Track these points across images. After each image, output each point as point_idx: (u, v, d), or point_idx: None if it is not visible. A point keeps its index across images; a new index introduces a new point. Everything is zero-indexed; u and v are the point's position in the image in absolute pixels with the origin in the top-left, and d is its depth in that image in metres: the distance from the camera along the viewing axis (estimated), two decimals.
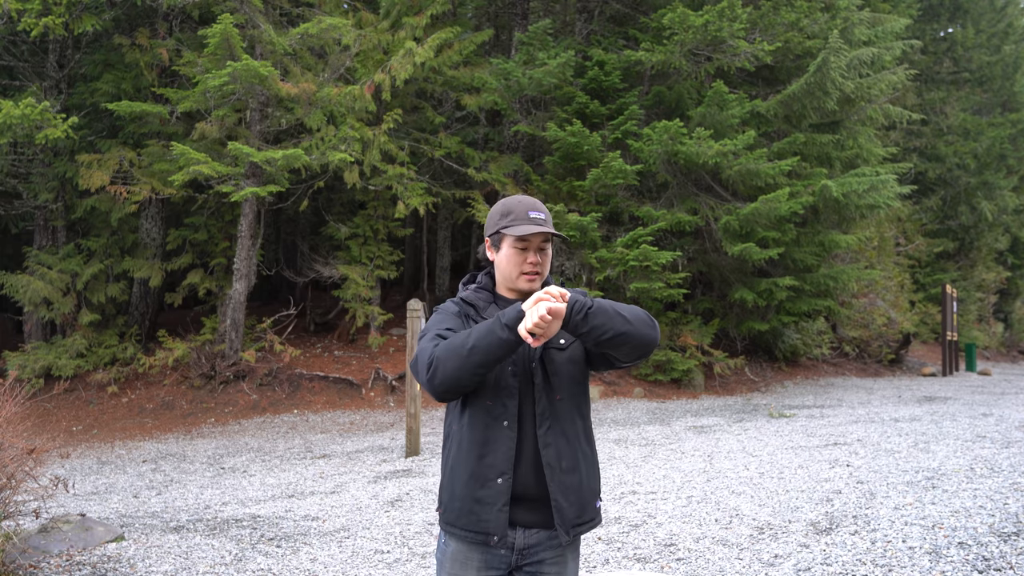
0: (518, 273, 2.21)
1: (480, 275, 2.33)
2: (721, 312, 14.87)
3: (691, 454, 7.64)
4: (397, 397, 12.59)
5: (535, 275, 2.21)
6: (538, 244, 2.21)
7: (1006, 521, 4.48)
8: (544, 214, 2.21)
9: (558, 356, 2.20)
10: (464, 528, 2.14)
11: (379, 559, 4.93)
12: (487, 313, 2.21)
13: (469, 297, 2.26)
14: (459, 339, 2.04)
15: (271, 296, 18.72)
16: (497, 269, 2.26)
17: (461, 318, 2.22)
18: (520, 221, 2.18)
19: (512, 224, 2.19)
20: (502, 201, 2.26)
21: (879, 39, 14.96)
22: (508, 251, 2.20)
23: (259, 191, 12.03)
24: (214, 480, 8.02)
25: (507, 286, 2.26)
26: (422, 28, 13.02)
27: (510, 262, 2.21)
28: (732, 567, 4.30)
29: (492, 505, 2.11)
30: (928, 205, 24.84)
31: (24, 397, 5.12)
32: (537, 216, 2.19)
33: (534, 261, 2.20)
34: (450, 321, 2.20)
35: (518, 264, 2.20)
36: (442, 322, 2.20)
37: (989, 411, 9.83)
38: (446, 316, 2.22)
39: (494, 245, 2.25)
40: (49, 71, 13.72)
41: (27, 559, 4.67)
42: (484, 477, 2.12)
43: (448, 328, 2.17)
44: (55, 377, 12.48)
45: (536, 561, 2.17)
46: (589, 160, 13.12)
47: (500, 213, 2.22)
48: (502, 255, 2.22)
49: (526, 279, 2.21)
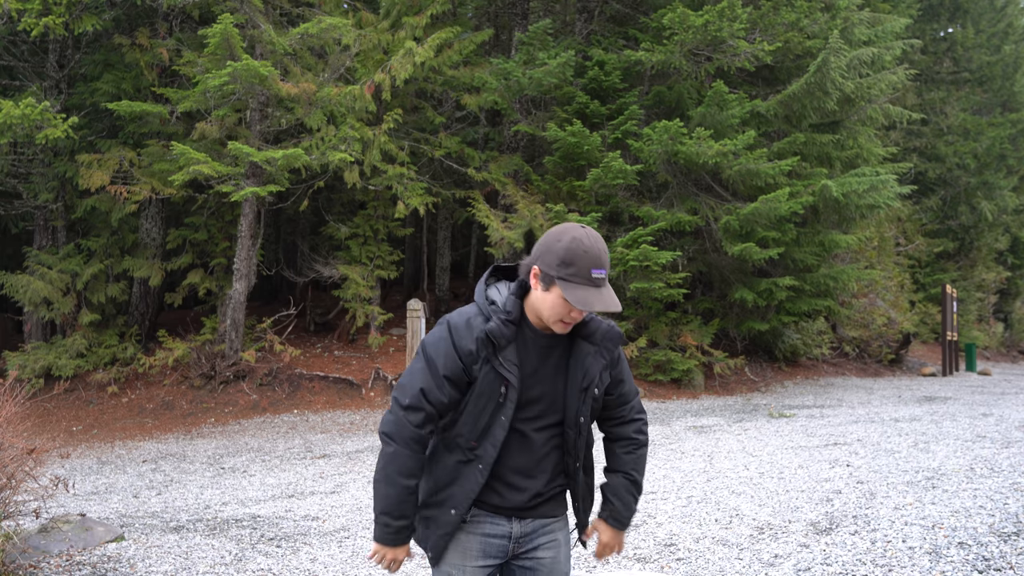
0: (556, 319, 2.08)
1: (510, 295, 2.13)
2: (721, 312, 14.87)
3: (691, 454, 7.64)
4: None
5: (570, 326, 2.11)
6: None
7: (1006, 521, 4.48)
8: (605, 271, 2.03)
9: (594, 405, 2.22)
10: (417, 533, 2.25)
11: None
12: (504, 354, 2.07)
13: (495, 332, 2.06)
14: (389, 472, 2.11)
15: (271, 296, 18.71)
16: (536, 301, 2.09)
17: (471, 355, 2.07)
18: (580, 282, 2.01)
19: (570, 281, 2.01)
20: (568, 240, 2.03)
21: (879, 39, 14.95)
22: (556, 299, 2.04)
23: (259, 191, 12.03)
24: (214, 480, 8.02)
25: (539, 319, 2.12)
26: (422, 28, 13.02)
27: (553, 309, 2.06)
28: (732, 567, 4.30)
29: (438, 528, 2.19)
30: (928, 205, 24.84)
31: (24, 397, 5.12)
32: (598, 276, 2.01)
33: (577, 317, 2.08)
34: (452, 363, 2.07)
35: (560, 314, 2.06)
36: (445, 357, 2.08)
37: (989, 411, 9.83)
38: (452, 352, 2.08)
39: (543, 281, 2.06)
40: (49, 71, 13.72)
41: (27, 559, 4.67)
42: (440, 503, 2.18)
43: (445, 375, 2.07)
44: (55, 377, 12.48)
45: (532, 548, 2.22)
46: (589, 160, 13.12)
47: (561, 258, 2.01)
48: (549, 297, 2.05)
49: (562, 326, 2.10)
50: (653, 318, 13.70)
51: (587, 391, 2.15)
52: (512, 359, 2.08)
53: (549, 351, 2.15)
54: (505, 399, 2.09)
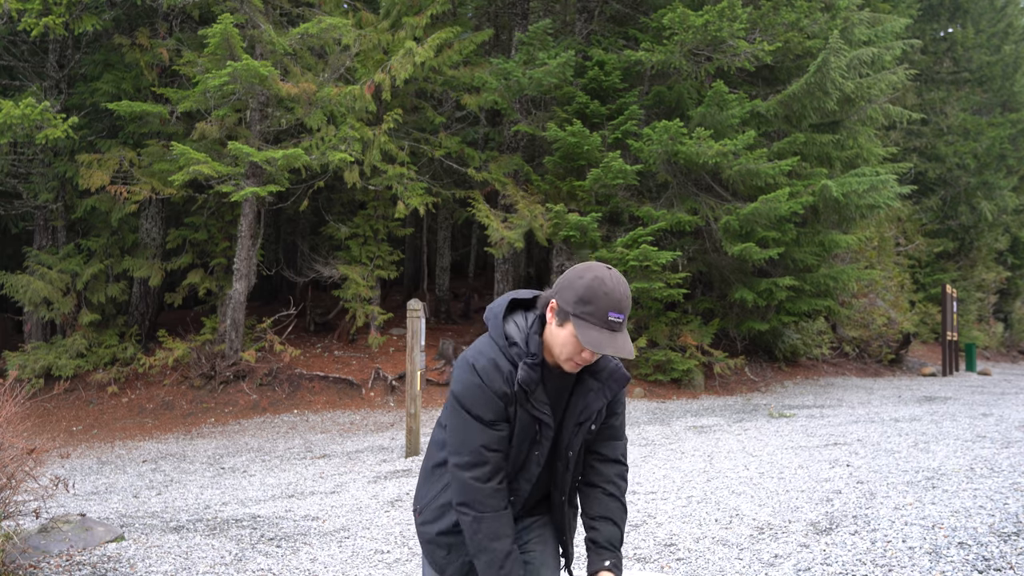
0: (567, 357, 2.06)
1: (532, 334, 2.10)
2: (721, 312, 14.87)
3: (691, 454, 7.64)
4: (397, 397, 12.59)
5: (581, 366, 2.10)
6: None
7: (1006, 521, 4.48)
8: (623, 315, 2.00)
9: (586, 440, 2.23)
10: (430, 554, 2.24)
11: (379, 559, 4.93)
12: (533, 397, 2.07)
13: (524, 380, 2.04)
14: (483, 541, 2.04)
15: (271, 296, 18.72)
16: (550, 336, 2.08)
17: (506, 397, 2.06)
18: (595, 323, 1.98)
19: (585, 320, 1.99)
20: (591, 279, 2.01)
21: (879, 39, 14.95)
22: (569, 338, 2.02)
23: (259, 191, 12.03)
24: (214, 480, 8.02)
25: (553, 357, 2.11)
26: (422, 28, 13.03)
27: (565, 348, 2.04)
28: (732, 567, 4.30)
29: (462, 555, 2.18)
30: (928, 205, 24.84)
31: (24, 397, 5.12)
32: (615, 320, 1.99)
33: (588, 359, 2.06)
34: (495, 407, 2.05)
35: (571, 352, 2.04)
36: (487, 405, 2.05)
37: (989, 411, 9.83)
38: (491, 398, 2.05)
39: (559, 316, 2.04)
40: (49, 71, 13.72)
41: (27, 559, 4.67)
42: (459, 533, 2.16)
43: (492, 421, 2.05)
44: (55, 377, 12.49)
45: (522, 543, 2.23)
46: (589, 160, 13.12)
47: (580, 296, 1.99)
48: (562, 334, 2.04)
49: (572, 365, 2.08)
50: (653, 318, 13.70)
51: (582, 426, 2.16)
52: (543, 399, 2.09)
53: (560, 391, 2.16)
54: (541, 436, 2.12)
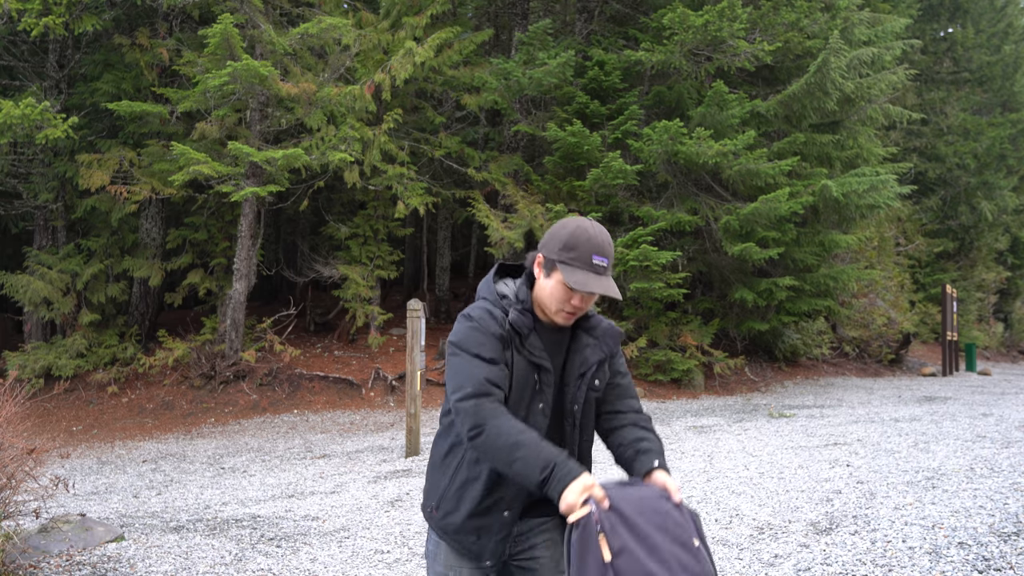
0: (558, 308, 2.09)
1: (521, 285, 2.16)
2: (721, 312, 14.87)
3: (691, 454, 7.64)
4: (397, 397, 12.59)
5: (572, 316, 2.12)
6: None
7: (1006, 521, 4.48)
8: (607, 260, 2.06)
9: (592, 397, 2.18)
10: (460, 544, 2.14)
11: (379, 559, 4.93)
12: (528, 342, 2.08)
13: (516, 321, 2.07)
14: (511, 436, 1.91)
15: (271, 296, 18.72)
16: (539, 290, 2.12)
17: (503, 342, 2.06)
18: (580, 266, 2.04)
19: (571, 265, 2.04)
20: (573, 227, 2.08)
21: (879, 39, 14.95)
22: (557, 285, 2.07)
23: (259, 191, 12.03)
24: (214, 480, 8.02)
25: (543, 312, 2.14)
26: (422, 28, 13.03)
27: (554, 296, 2.08)
28: (732, 567, 4.30)
29: (493, 535, 2.11)
30: (928, 205, 24.84)
31: (24, 397, 5.12)
32: (599, 263, 2.04)
33: (578, 305, 2.08)
34: (493, 345, 2.04)
35: (562, 301, 2.08)
36: (484, 344, 2.04)
37: (989, 411, 9.83)
38: (488, 337, 2.05)
39: (545, 267, 2.09)
40: (49, 71, 13.72)
41: (27, 559, 4.67)
42: (490, 508, 2.10)
43: (492, 358, 2.02)
44: (55, 377, 12.49)
45: (529, 547, 2.18)
46: (589, 160, 13.12)
47: (564, 243, 2.05)
48: (550, 283, 2.08)
49: (564, 317, 2.10)
50: (653, 318, 13.70)
51: (584, 377, 2.14)
52: (538, 345, 2.10)
53: (555, 345, 2.16)
54: (541, 384, 2.10)
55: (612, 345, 2.19)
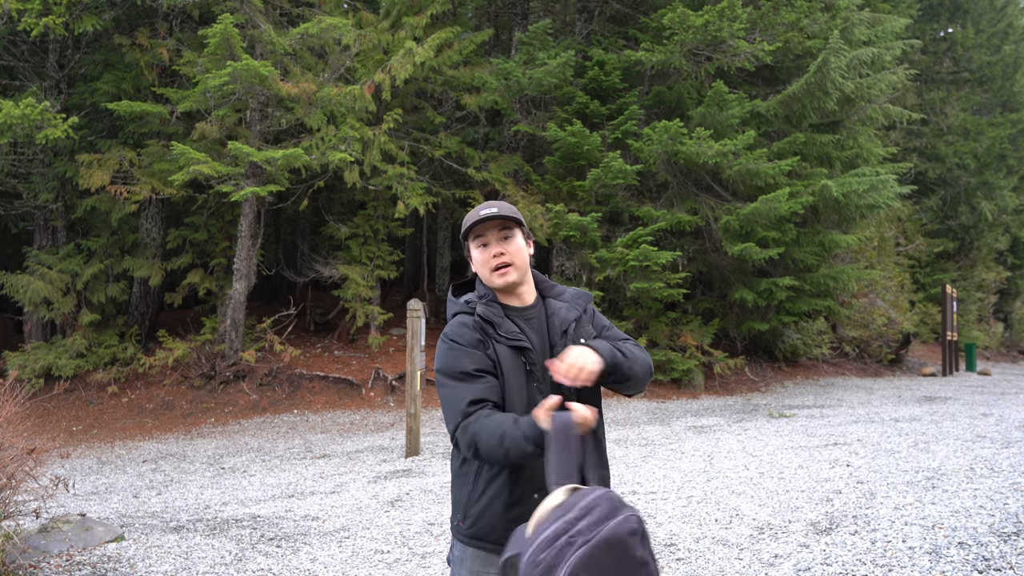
0: (488, 271, 2.18)
1: (477, 283, 2.27)
2: (721, 312, 14.87)
3: (691, 454, 7.64)
4: (397, 397, 12.59)
5: (504, 266, 2.17)
6: (498, 235, 2.19)
7: (1006, 521, 4.48)
8: (496, 208, 2.17)
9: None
10: (494, 542, 2.11)
11: (379, 559, 4.93)
12: (503, 329, 2.14)
13: (485, 313, 2.16)
14: (495, 432, 1.98)
15: (271, 296, 18.71)
16: (477, 271, 2.23)
17: (482, 342, 2.13)
18: (470, 221, 2.18)
19: (465, 226, 2.20)
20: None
21: (879, 39, 14.96)
22: (474, 253, 2.21)
23: (259, 191, 12.03)
24: (214, 480, 8.02)
25: (504, 297, 2.22)
26: (422, 28, 13.02)
27: (477, 262, 2.20)
28: (732, 567, 4.30)
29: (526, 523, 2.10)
30: (928, 205, 24.84)
31: (24, 397, 5.12)
32: (488, 212, 2.17)
33: (496, 252, 2.17)
34: (472, 356, 2.10)
35: (485, 262, 2.18)
36: (463, 360, 2.10)
37: (989, 411, 9.83)
38: (466, 349, 2.11)
39: (466, 254, 2.25)
40: (49, 71, 13.72)
41: (27, 559, 4.67)
42: (522, 496, 2.10)
43: (475, 371, 2.09)
44: (55, 377, 12.48)
45: None
46: (589, 160, 13.12)
47: (463, 227, 2.22)
48: (473, 259, 2.22)
49: (497, 275, 2.17)
50: (653, 318, 13.70)
51: (567, 335, 2.18)
52: (514, 329, 2.16)
53: (531, 325, 2.21)
54: (529, 366, 2.14)
55: (584, 302, 2.27)
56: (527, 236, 2.27)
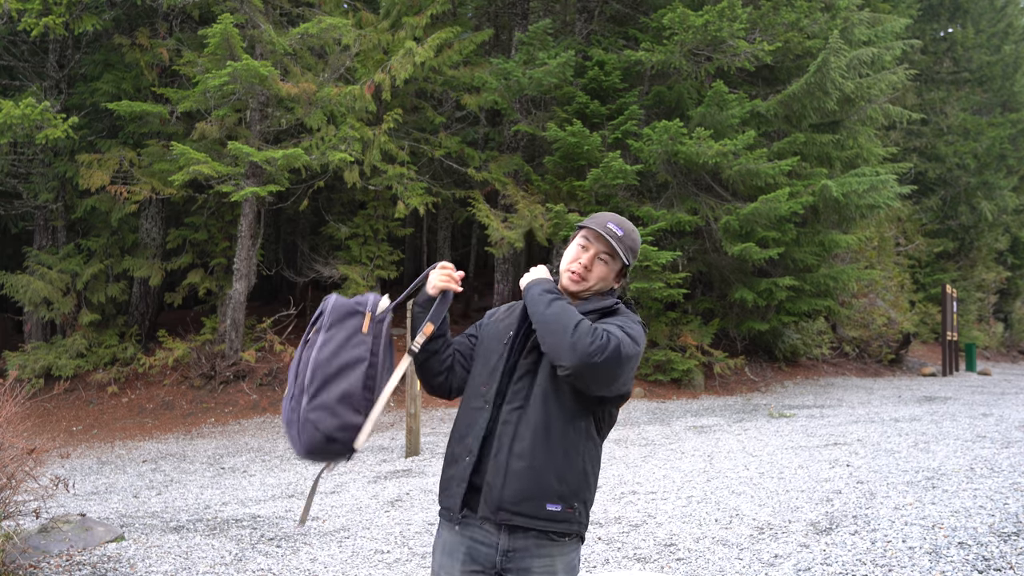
0: (566, 266, 2.27)
1: None
2: (721, 312, 14.87)
3: (691, 454, 7.64)
4: (397, 397, 12.59)
5: (579, 278, 2.24)
6: (600, 250, 2.24)
7: (1006, 521, 4.48)
8: (622, 231, 2.23)
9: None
10: (440, 504, 2.25)
11: (379, 559, 4.93)
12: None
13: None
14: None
15: (271, 296, 18.72)
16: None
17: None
18: (595, 222, 2.25)
19: (588, 222, 2.26)
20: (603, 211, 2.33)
21: (879, 39, 14.95)
22: (572, 245, 2.29)
23: (259, 191, 12.03)
24: (214, 480, 8.02)
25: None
26: (422, 28, 13.02)
27: (568, 254, 2.28)
28: (732, 567, 4.30)
29: (457, 482, 2.18)
30: (928, 205, 24.84)
31: (24, 397, 5.12)
32: (613, 229, 2.22)
33: (585, 263, 2.23)
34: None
35: (572, 258, 2.26)
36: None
37: (989, 411, 9.83)
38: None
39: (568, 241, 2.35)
40: (49, 71, 13.72)
41: (27, 559, 4.67)
42: (457, 456, 2.21)
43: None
44: (55, 377, 12.48)
45: (523, 568, 2.10)
46: (589, 160, 13.12)
47: (587, 219, 2.30)
48: (567, 250, 2.30)
49: (568, 275, 2.25)
50: (653, 318, 13.70)
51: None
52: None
53: None
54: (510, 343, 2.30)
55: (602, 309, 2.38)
56: (623, 273, 2.30)
